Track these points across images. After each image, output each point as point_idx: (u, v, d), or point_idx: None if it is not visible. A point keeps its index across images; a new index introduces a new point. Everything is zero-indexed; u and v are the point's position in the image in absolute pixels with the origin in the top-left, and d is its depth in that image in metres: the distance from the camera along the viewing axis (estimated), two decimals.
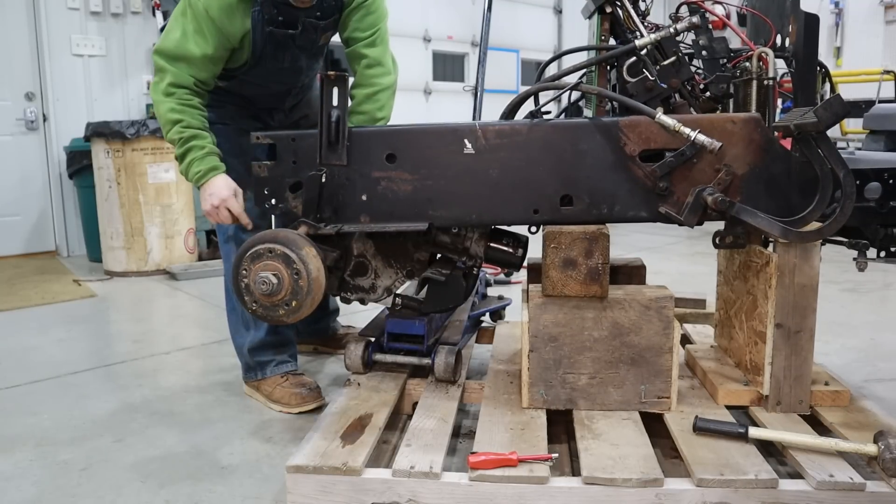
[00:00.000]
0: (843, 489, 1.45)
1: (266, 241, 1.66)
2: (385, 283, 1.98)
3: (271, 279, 1.63)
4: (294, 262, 1.64)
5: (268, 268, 1.64)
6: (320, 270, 1.67)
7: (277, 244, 1.65)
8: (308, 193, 1.82)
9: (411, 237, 1.92)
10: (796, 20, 1.85)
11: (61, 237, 5.29)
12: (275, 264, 1.64)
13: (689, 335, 2.43)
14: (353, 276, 1.97)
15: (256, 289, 1.65)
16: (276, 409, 2.24)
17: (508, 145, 1.74)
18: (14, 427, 2.19)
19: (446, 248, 1.95)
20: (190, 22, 1.94)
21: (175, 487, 1.79)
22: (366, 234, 1.93)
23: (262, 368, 2.30)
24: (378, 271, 1.97)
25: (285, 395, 2.23)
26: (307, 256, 1.65)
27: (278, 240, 1.66)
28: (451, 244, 1.93)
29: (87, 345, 3.10)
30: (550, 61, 2.26)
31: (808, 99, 1.84)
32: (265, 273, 1.64)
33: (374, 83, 2.18)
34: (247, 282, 1.68)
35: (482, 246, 1.90)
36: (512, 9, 8.22)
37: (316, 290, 1.66)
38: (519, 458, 1.54)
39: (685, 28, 1.77)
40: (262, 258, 1.65)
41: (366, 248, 1.96)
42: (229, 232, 2.21)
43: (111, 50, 5.29)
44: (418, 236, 1.91)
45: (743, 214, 1.65)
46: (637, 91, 1.76)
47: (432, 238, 1.93)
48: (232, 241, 2.21)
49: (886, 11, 7.11)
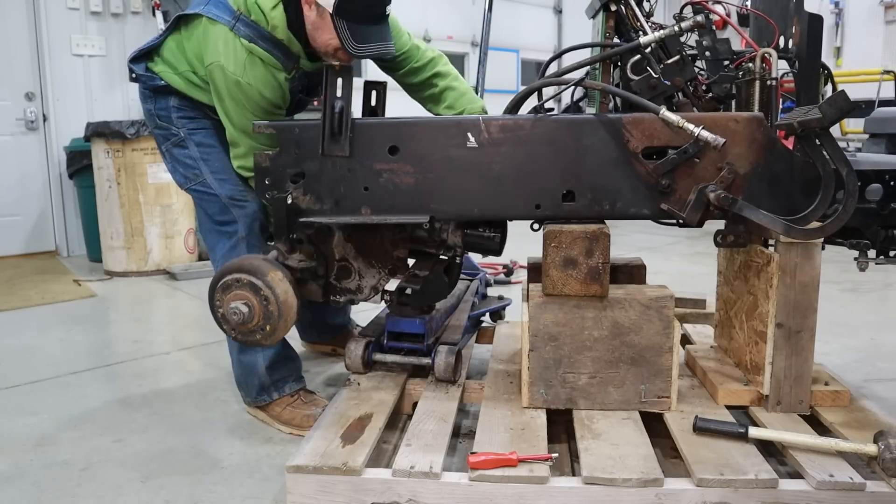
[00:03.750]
0: (843, 489, 1.45)
1: (233, 272, 1.73)
2: (370, 282, 2.00)
3: (241, 309, 1.70)
4: (261, 289, 1.70)
5: (237, 297, 1.71)
6: (288, 293, 1.73)
7: (243, 273, 1.72)
8: (275, 217, 1.88)
9: (388, 236, 1.94)
10: (800, 21, 1.85)
11: (61, 237, 5.29)
12: (243, 293, 1.71)
13: (689, 335, 2.43)
14: (339, 280, 2.00)
15: (230, 318, 1.72)
16: (285, 430, 2.10)
17: (511, 140, 1.74)
18: (14, 427, 2.19)
19: (424, 243, 1.96)
20: (248, 106, 1.96)
21: (175, 488, 1.79)
22: (344, 238, 1.96)
23: (278, 387, 2.14)
24: (361, 272, 1.99)
25: (296, 417, 2.10)
26: (273, 281, 1.72)
27: (243, 269, 1.73)
28: (429, 238, 1.94)
29: (87, 345, 3.10)
30: (554, 58, 2.26)
31: (810, 99, 1.84)
32: (235, 303, 1.71)
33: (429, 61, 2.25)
34: (221, 311, 1.74)
35: (459, 235, 1.91)
36: (512, 9, 8.22)
37: (286, 312, 1.73)
38: (519, 458, 1.54)
39: (689, 27, 1.77)
40: (231, 289, 1.72)
41: (346, 252, 1.98)
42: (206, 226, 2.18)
43: (111, 50, 5.29)
44: (395, 234, 1.94)
45: (745, 211, 1.64)
46: (641, 89, 1.76)
47: (409, 234, 1.94)
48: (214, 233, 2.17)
49: (886, 11, 7.11)
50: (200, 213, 2.17)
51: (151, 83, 2.10)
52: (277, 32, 1.94)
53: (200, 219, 2.19)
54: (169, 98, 2.09)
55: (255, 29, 1.93)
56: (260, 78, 1.92)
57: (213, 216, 2.10)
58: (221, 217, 2.08)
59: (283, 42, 1.95)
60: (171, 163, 2.16)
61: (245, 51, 1.91)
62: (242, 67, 1.91)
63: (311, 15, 1.92)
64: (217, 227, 2.10)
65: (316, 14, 1.91)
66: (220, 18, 1.94)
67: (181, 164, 2.12)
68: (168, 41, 2.08)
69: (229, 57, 1.91)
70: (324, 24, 1.91)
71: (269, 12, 1.92)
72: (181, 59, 2.06)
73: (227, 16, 1.95)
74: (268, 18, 1.93)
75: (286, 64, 1.97)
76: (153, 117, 2.15)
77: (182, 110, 2.10)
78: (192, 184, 2.11)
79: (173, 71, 2.07)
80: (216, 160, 2.09)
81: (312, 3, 1.90)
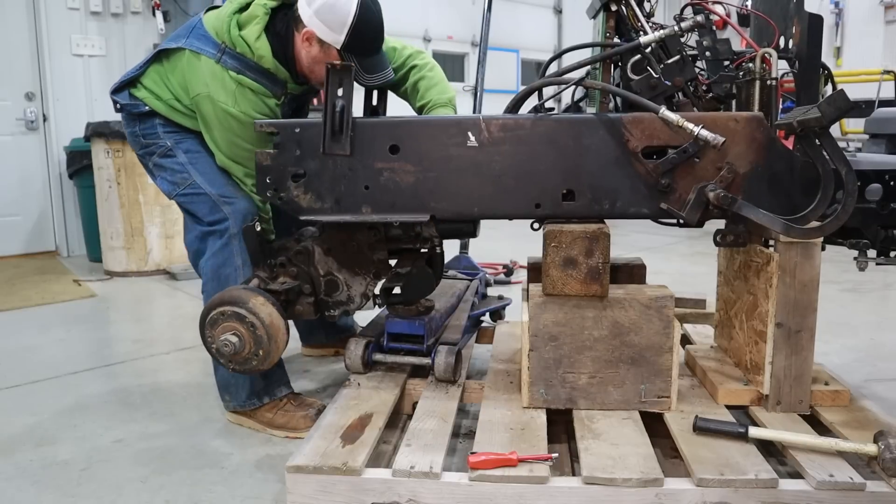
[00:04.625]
0: (843, 489, 1.45)
1: (216, 306, 1.78)
2: (358, 290, 2.04)
3: (231, 340, 1.75)
4: (245, 316, 1.75)
5: (225, 330, 1.76)
6: (272, 315, 1.77)
7: (225, 306, 1.76)
8: (248, 246, 1.93)
9: (364, 241, 1.99)
10: (800, 21, 1.85)
11: (61, 237, 5.29)
12: (230, 325, 1.76)
13: (689, 335, 2.43)
14: (329, 294, 2.04)
15: (223, 351, 1.76)
16: (279, 435, 2.07)
17: (512, 139, 1.74)
18: (14, 427, 2.19)
19: (400, 241, 2.00)
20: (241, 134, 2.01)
21: (175, 488, 1.79)
22: (324, 253, 2.01)
23: (270, 391, 2.11)
24: (348, 283, 2.04)
25: (291, 419, 2.08)
26: (255, 307, 1.76)
27: (224, 302, 1.77)
28: (404, 235, 1.98)
29: (87, 345, 3.10)
30: (554, 58, 2.26)
31: (810, 99, 1.84)
32: (225, 336, 1.76)
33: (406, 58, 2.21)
34: (215, 347, 1.79)
35: (433, 226, 1.91)
36: (512, 9, 8.22)
37: (275, 334, 1.77)
38: (519, 458, 1.54)
39: (689, 27, 1.77)
40: (218, 323, 1.77)
41: (330, 266, 2.03)
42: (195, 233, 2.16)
43: (111, 50, 5.29)
44: (371, 238, 1.98)
45: (745, 210, 1.64)
46: (641, 88, 1.76)
47: (384, 235, 1.98)
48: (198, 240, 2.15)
49: (886, 11, 7.10)
50: (189, 220, 2.16)
51: (136, 110, 2.14)
52: (264, 62, 1.99)
53: (188, 226, 2.16)
54: (154, 118, 2.14)
55: (241, 61, 1.99)
56: (251, 106, 1.98)
57: (204, 217, 2.08)
58: (212, 217, 2.07)
59: (271, 70, 2.01)
60: (159, 173, 2.17)
61: (234, 82, 1.97)
62: (233, 98, 1.97)
63: (313, 50, 1.98)
64: (207, 227, 2.08)
65: (319, 49, 1.96)
66: (205, 51, 2.00)
67: (169, 171, 2.13)
68: (149, 72, 2.13)
69: (218, 88, 1.97)
70: (327, 58, 1.95)
71: (254, 44, 1.97)
72: (164, 88, 2.10)
73: (211, 49, 2.00)
74: (253, 50, 1.98)
75: (275, 90, 2.03)
76: (138, 138, 2.18)
77: (168, 126, 2.14)
78: (180, 188, 2.11)
79: (156, 98, 2.11)
80: (204, 163, 2.11)
81: (313, 39, 1.95)
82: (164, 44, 2.10)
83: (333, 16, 1.89)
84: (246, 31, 1.98)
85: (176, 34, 2.10)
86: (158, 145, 2.13)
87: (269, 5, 2.00)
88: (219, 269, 2.04)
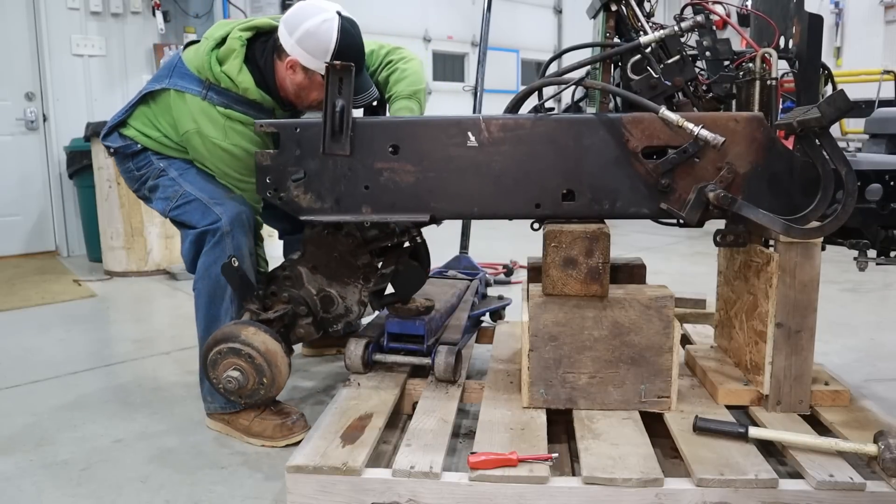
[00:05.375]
0: (843, 489, 1.45)
1: (212, 347, 1.82)
2: (353, 299, 2.07)
3: (234, 375, 1.79)
4: (241, 349, 1.78)
5: (226, 367, 1.80)
6: (266, 342, 1.81)
7: (220, 345, 1.80)
8: (230, 282, 1.97)
9: (343, 249, 2.02)
10: (800, 21, 1.85)
11: (61, 237, 5.29)
12: (229, 361, 1.80)
13: (689, 335, 2.43)
14: (327, 311, 2.07)
15: (229, 388, 1.80)
16: (256, 443, 2.01)
17: (512, 139, 1.74)
18: (14, 427, 2.19)
19: (378, 241, 2.03)
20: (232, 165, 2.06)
21: (175, 487, 1.79)
22: (311, 271, 2.05)
23: None
24: (342, 294, 2.07)
25: (268, 428, 2.01)
26: (248, 337, 1.80)
27: (218, 340, 1.81)
28: (381, 234, 2.01)
29: (87, 345, 3.10)
30: (554, 58, 2.26)
31: (810, 99, 1.84)
32: (227, 373, 1.79)
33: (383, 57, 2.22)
34: (221, 386, 1.82)
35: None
36: (512, 9, 8.22)
37: (274, 359, 1.80)
38: (519, 458, 1.54)
39: (689, 27, 1.77)
40: (218, 362, 1.81)
41: (320, 283, 2.06)
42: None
43: (111, 50, 5.29)
44: (349, 245, 2.01)
45: (745, 211, 1.64)
46: (641, 88, 1.76)
47: (360, 239, 2.00)
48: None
49: (886, 11, 7.10)
50: (184, 232, 2.13)
51: (129, 150, 2.17)
52: (249, 94, 2.02)
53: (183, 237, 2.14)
54: (146, 152, 2.16)
55: (227, 95, 2.02)
56: (242, 138, 2.02)
57: (197, 224, 2.05)
58: (205, 221, 2.04)
59: (257, 100, 2.05)
60: (153, 195, 2.17)
61: (223, 116, 2.01)
62: (223, 132, 2.02)
63: (297, 77, 2.01)
64: (201, 229, 2.06)
65: (303, 76, 2.00)
66: (189, 89, 2.04)
67: (161, 188, 2.14)
68: (136, 114, 2.16)
69: (208, 124, 2.01)
70: (312, 84, 2.00)
71: (237, 77, 2.00)
72: (153, 128, 2.14)
73: (195, 86, 2.03)
74: (237, 83, 2.01)
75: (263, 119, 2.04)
76: (132, 173, 2.20)
77: (160, 155, 2.16)
78: (172, 202, 2.10)
79: (146, 136, 2.14)
80: (195, 174, 2.12)
81: (297, 66, 1.98)
82: (148, 85, 2.14)
83: (316, 43, 1.93)
84: (227, 66, 2.01)
85: (158, 75, 2.14)
86: (151, 171, 2.16)
87: (244, 37, 2.03)
88: (210, 267, 2.03)
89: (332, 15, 1.94)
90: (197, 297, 2.10)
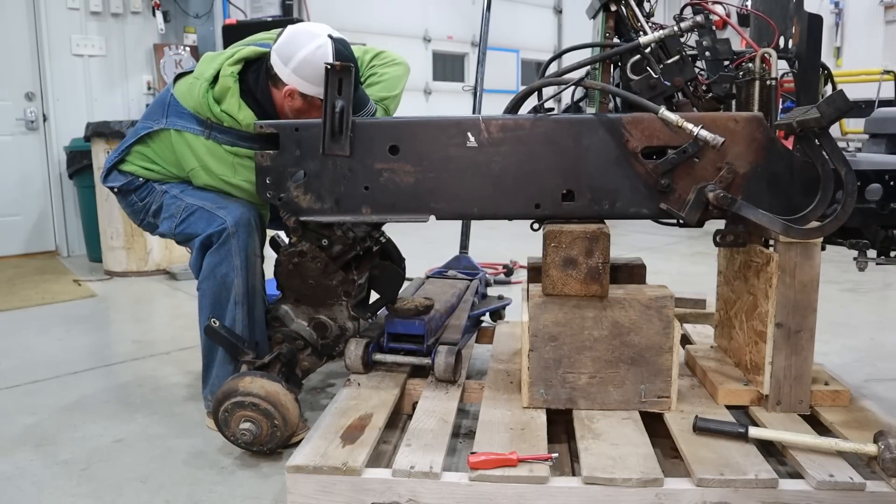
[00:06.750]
0: (843, 489, 1.45)
1: (217, 409, 1.84)
2: (343, 317, 2.11)
3: (247, 427, 1.81)
4: (243, 401, 1.80)
5: (237, 422, 1.82)
6: (264, 386, 1.82)
7: (223, 404, 1.82)
8: (218, 342, 2.00)
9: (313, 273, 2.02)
10: (800, 21, 1.85)
11: (61, 237, 5.29)
12: (237, 415, 1.81)
13: (689, 335, 2.43)
14: (324, 336, 2.10)
15: (247, 441, 1.82)
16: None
17: (511, 139, 1.74)
18: (14, 427, 2.19)
19: (345, 254, 2.04)
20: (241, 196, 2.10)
21: (175, 487, 1.79)
22: (293, 305, 2.10)
23: None
24: (331, 317, 2.10)
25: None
26: (246, 387, 1.81)
27: (220, 401, 1.84)
28: (345, 248, 2.02)
29: (87, 345, 3.10)
30: (554, 58, 2.26)
31: (810, 99, 1.84)
32: (239, 428, 1.82)
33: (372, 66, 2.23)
34: (240, 442, 1.85)
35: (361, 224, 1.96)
36: (512, 9, 8.22)
37: (277, 399, 1.82)
38: (519, 458, 1.54)
39: (689, 27, 1.77)
40: (228, 421, 1.83)
41: (309, 313, 2.10)
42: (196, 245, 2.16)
43: (111, 50, 5.29)
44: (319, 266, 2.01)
45: (744, 211, 1.65)
46: (640, 89, 1.76)
47: (327, 259, 2.01)
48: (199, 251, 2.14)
49: (886, 11, 7.10)
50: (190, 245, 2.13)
51: (132, 186, 2.19)
52: (251, 128, 2.01)
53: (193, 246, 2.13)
54: (149, 182, 2.18)
55: (231, 133, 2.03)
56: (251, 171, 1.99)
57: (204, 231, 2.05)
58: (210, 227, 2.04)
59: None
60: (157, 217, 2.18)
61: (230, 154, 2.03)
62: (232, 169, 2.04)
63: (296, 104, 2.03)
64: (207, 233, 2.05)
65: (302, 102, 2.02)
66: (189, 129, 2.05)
67: (165, 207, 2.14)
68: (133, 152, 2.17)
69: (215, 162, 2.04)
70: (311, 107, 2.02)
71: (238, 115, 2.01)
72: (151, 164, 2.15)
73: (195, 125, 2.05)
74: (239, 121, 2.01)
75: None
76: (135, 205, 2.22)
77: (161, 182, 2.18)
78: (178, 217, 2.11)
79: (147, 170, 2.16)
80: (197, 189, 2.13)
81: (295, 94, 2.00)
82: (142, 125, 2.14)
83: (312, 70, 1.94)
84: (226, 105, 2.01)
85: (152, 113, 2.14)
86: (154, 196, 2.17)
87: (234, 71, 2.03)
88: (216, 268, 2.03)
89: (324, 40, 1.96)
90: (201, 297, 2.09)
